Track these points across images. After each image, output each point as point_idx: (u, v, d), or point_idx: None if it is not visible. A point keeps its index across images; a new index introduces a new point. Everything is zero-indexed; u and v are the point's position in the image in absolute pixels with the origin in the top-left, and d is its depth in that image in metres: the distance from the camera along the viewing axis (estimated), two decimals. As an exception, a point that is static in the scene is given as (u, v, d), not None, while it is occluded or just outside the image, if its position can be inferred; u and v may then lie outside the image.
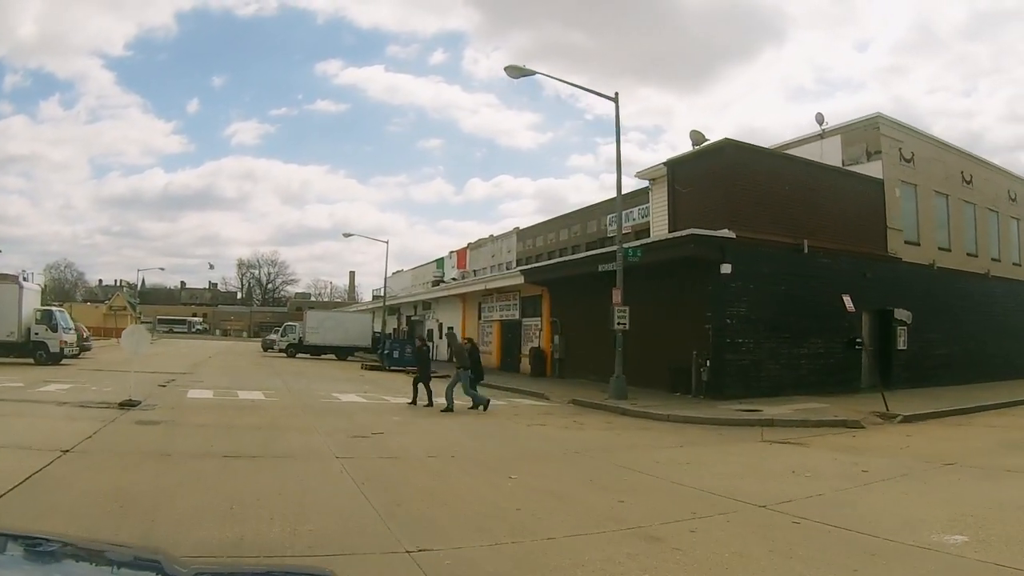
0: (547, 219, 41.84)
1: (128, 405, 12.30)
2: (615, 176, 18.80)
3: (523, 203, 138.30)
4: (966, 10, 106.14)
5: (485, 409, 14.54)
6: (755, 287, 18.57)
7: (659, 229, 24.17)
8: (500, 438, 10.93)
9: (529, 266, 26.78)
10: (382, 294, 68.26)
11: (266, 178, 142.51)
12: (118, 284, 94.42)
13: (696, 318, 18.56)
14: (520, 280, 25.83)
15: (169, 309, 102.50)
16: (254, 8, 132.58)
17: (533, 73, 17.58)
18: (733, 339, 18.16)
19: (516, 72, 17.24)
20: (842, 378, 19.86)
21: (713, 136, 22.21)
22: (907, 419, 14.04)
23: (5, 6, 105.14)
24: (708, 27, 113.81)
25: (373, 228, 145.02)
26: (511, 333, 28.76)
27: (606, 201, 36.38)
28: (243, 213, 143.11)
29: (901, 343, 21.83)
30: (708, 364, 17.97)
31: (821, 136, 24.44)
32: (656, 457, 9.37)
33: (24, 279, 37.92)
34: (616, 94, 18.55)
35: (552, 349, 24.84)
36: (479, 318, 32.38)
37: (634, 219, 33.17)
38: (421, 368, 16.09)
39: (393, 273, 61.52)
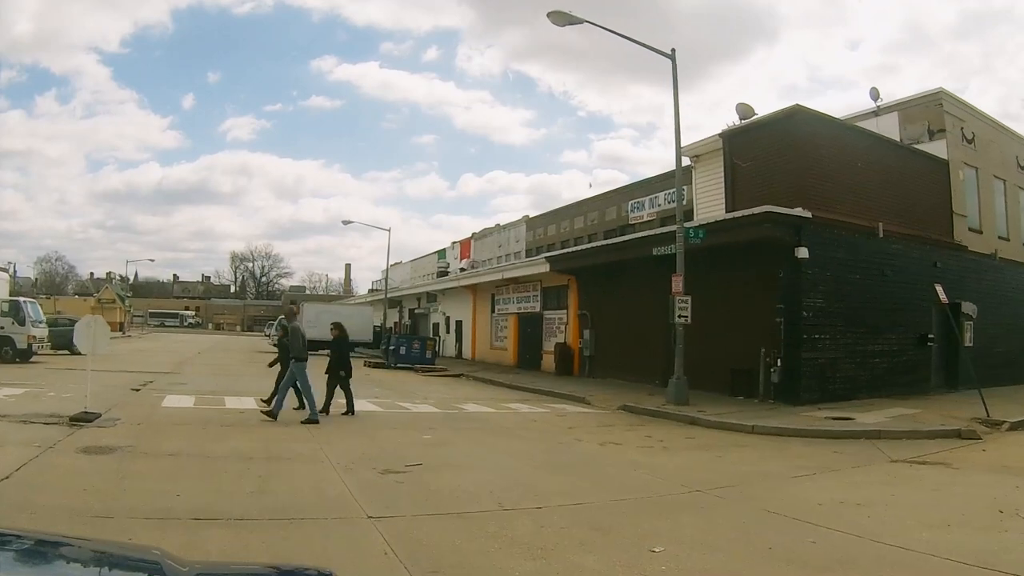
0: (559, 207, 38.88)
1: (80, 421, 9.25)
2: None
3: (517, 198, 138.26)
4: (956, 10, 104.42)
5: (317, 421, 10.54)
6: (832, 275, 15.82)
7: (705, 211, 21.28)
8: (581, 469, 7.94)
9: (556, 252, 23.74)
10: (381, 287, 65.17)
11: (261, 173, 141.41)
12: (109, 277, 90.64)
13: (763, 311, 15.75)
14: (544, 268, 22.82)
15: (162, 303, 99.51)
16: (250, 6, 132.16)
17: (581, 21, 14.59)
18: (810, 335, 15.40)
19: (561, 19, 14.28)
20: (913, 378, 17.39)
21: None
22: (1014, 426, 12.00)
23: (1, 2, 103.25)
24: (700, 26, 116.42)
25: (368, 222, 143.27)
26: (531, 327, 25.76)
27: (628, 186, 33.46)
28: (237, 208, 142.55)
29: (967, 339, 19.25)
30: (779, 363, 15.22)
31: (876, 113, 21.70)
32: (806, 495, 6.79)
33: (2, 270, 34.71)
34: (673, 50, 15.70)
35: (581, 346, 21.88)
36: (492, 311, 29.35)
37: (660, 205, 30.32)
38: (338, 362, 12.30)
39: (392, 265, 58.43)
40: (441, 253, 51.82)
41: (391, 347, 26.68)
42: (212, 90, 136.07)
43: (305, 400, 10.87)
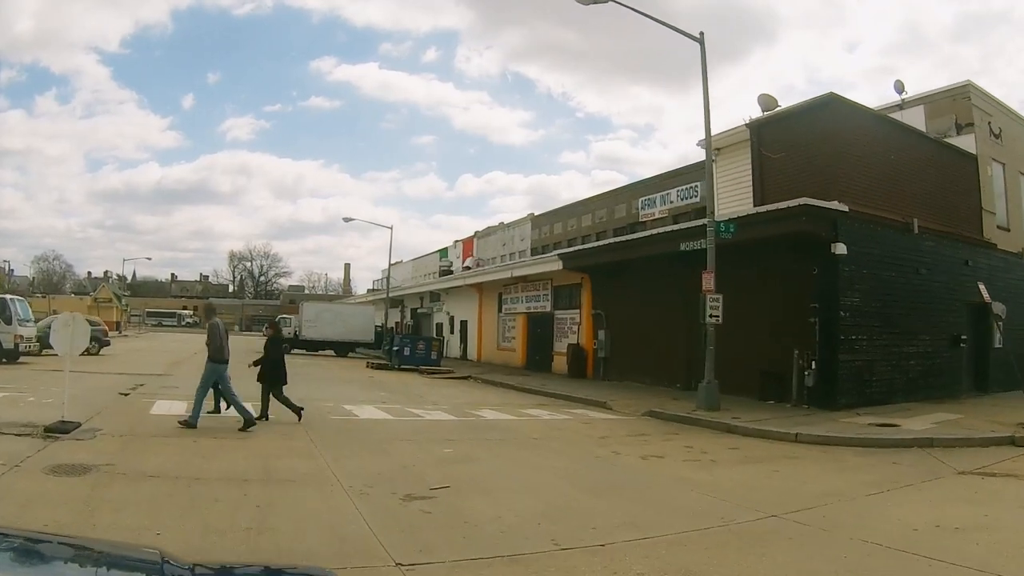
0: (565, 204, 37.77)
1: (56, 432, 8.10)
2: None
3: (515, 199, 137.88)
4: (954, 11, 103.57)
5: (255, 423, 9.49)
6: (868, 272, 14.87)
7: (727, 207, 20.13)
8: (631, 490, 6.81)
9: (569, 249, 22.63)
10: (380, 286, 63.98)
11: (260, 172, 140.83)
12: (106, 276, 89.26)
13: (795, 310, 14.75)
14: (556, 266, 21.70)
15: (159, 302, 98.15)
16: (250, 7, 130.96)
17: (606, 0, 13.46)
18: (847, 335, 14.44)
19: (587, -2, 13.19)
20: (945, 381, 16.48)
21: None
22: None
23: (2, 2, 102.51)
24: (699, 27, 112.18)
25: (366, 222, 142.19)
26: (540, 328, 24.64)
27: (638, 183, 32.38)
28: (236, 207, 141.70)
29: (997, 341, 18.29)
30: (813, 366, 14.18)
31: (900, 106, 20.68)
32: (895, 518, 5.92)
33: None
34: (701, 33, 14.58)
35: (595, 347, 20.78)
36: (499, 310, 28.22)
37: (672, 202, 29.24)
38: (272, 368, 10.55)
39: (392, 264, 57.23)
40: (443, 252, 50.68)
41: (395, 348, 25.54)
42: (212, 90, 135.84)
43: (233, 405, 9.58)
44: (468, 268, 36.26)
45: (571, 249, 22.38)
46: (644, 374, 18.92)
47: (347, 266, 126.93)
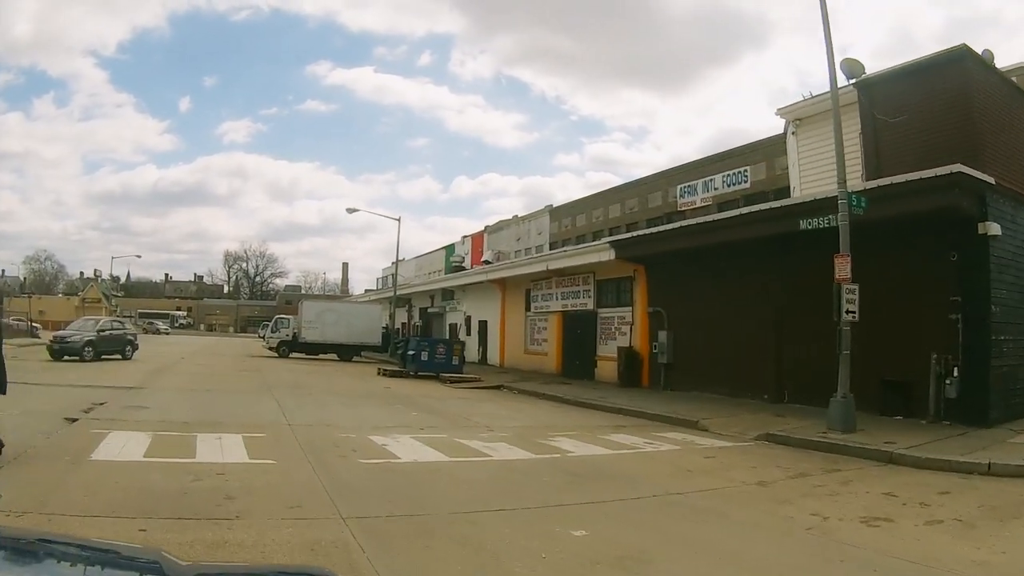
0: (589, 194, 34.32)
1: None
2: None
3: (510, 200, 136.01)
4: (943, 16, 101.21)
5: None
6: (1014, 259, 11.72)
7: (811, 185, 16.69)
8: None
9: (625, 235, 19.03)
10: (380, 286, 60.23)
11: (256, 174, 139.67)
12: (96, 275, 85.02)
13: (928, 305, 11.65)
14: (605, 256, 18.13)
15: (153, 303, 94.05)
16: (246, 13, 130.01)
17: None
18: (997, 335, 11.27)
19: None
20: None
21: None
22: None
23: (0, 5, 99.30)
24: (690, 31, 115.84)
25: (362, 223, 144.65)
26: (580, 328, 21.06)
27: (675, 169, 28.93)
28: (233, 209, 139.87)
29: None
30: (956, 373, 11.11)
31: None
32: None
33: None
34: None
35: (655, 350, 17.26)
36: (527, 308, 24.62)
37: (716, 188, 25.79)
38: None
39: (392, 263, 53.63)
40: (450, 249, 47.15)
41: (410, 352, 21.87)
42: (209, 94, 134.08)
43: None
44: (487, 262, 32.50)
45: (626, 235, 18.81)
46: (719, 384, 15.47)
47: (345, 265, 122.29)
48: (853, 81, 14.65)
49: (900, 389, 12.02)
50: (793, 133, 17.39)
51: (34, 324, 50.34)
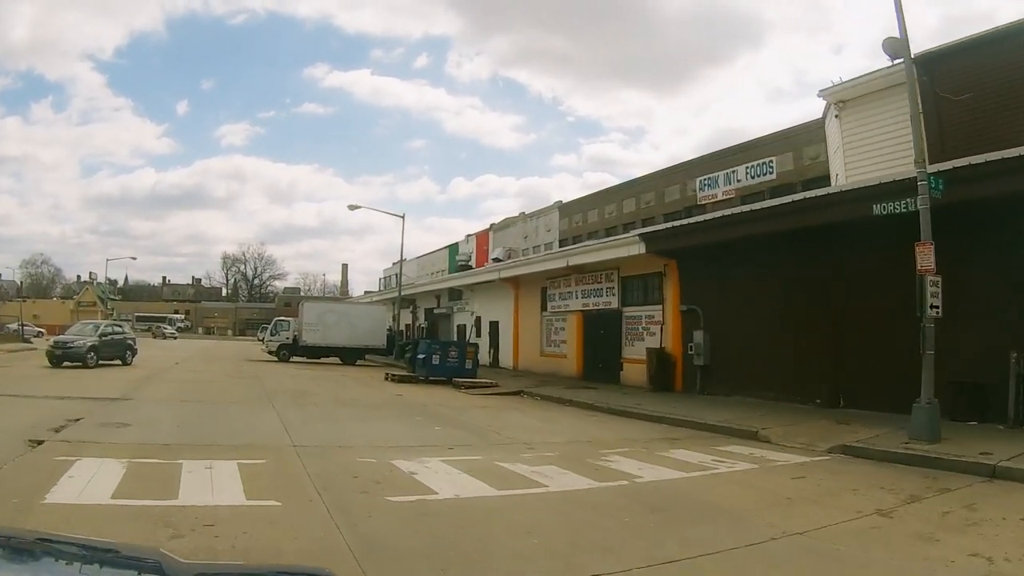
0: (600, 189, 32.90)
1: None
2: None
3: (507, 201, 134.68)
4: (938, 14, 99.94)
5: None
6: None
7: (856, 171, 15.14)
8: None
9: (656, 227, 17.46)
10: (380, 287, 58.61)
11: (254, 177, 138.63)
12: (91, 278, 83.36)
13: (1003, 299, 10.21)
14: (634, 250, 16.64)
15: (150, 306, 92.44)
16: (243, 16, 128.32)
17: None
18: None
19: None
20: None
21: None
22: None
23: None
24: (687, 31, 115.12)
25: (360, 225, 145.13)
26: (603, 328, 19.56)
27: (694, 160, 27.53)
28: (231, 212, 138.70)
29: None
30: None
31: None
32: None
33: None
34: None
35: (689, 352, 15.78)
36: (543, 308, 23.12)
37: (740, 180, 24.35)
38: None
39: (393, 263, 52.08)
40: (453, 248, 45.68)
41: (419, 355, 20.38)
42: (206, 97, 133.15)
43: None
44: (497, 260, 30.93)
45: (659, 227, 17.26)
46: (762, 387, 14.02)
47: (345, 267, 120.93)
48: (899, 61, 13.21)
49: (972, 391, 10.69)
50: (836, 116, 15.92)
51: (34, 328, 48.74)
